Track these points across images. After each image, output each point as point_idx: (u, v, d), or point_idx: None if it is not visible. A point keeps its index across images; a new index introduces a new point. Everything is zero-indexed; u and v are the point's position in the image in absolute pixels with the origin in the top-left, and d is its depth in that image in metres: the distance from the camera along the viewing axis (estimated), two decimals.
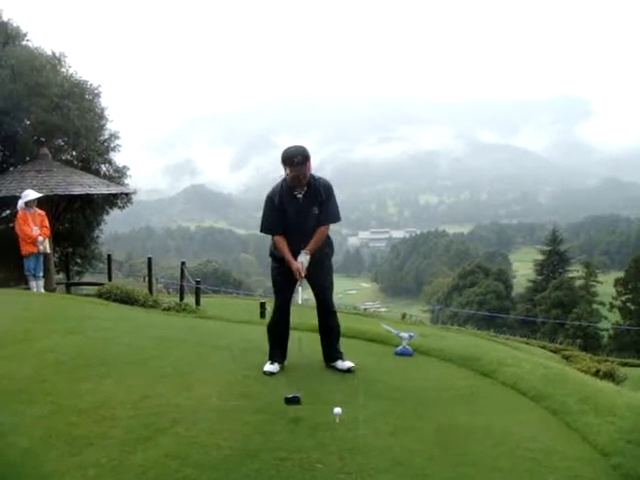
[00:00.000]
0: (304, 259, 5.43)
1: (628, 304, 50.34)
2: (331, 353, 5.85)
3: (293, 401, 4.51)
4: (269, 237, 5.77)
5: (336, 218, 5.67)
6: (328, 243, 5.81)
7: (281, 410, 4.54)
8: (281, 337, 5.75)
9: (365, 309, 34.10)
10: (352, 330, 7.35)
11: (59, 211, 17.70)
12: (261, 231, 5.69)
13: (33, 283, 12.74)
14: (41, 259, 12.91)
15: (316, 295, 5.84)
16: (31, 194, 12.68)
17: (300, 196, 5.47)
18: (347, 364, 5.74)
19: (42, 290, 12.91)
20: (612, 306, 52.85)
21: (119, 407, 4.51)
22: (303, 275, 5.44)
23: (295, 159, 5.25)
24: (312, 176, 5.48)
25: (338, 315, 5.99)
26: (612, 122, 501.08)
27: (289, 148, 5.39)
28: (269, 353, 5.73)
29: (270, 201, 5.54)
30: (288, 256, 5.47)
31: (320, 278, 5.77)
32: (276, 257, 5.72)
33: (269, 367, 5.56)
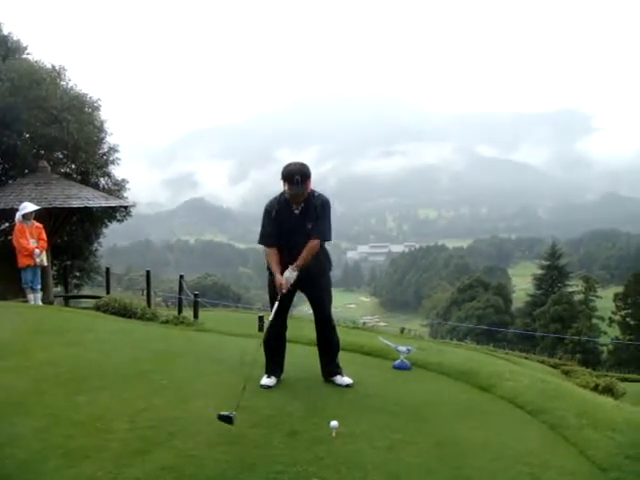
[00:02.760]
0: (290, 275, 5.40)
1: (627, 319, 50.30)
2: (330, 368, 5.81)
3: (225, 419, 4.33)
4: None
5: (325, 236, 5.58)
6: (327, 257, 5.80)
7: (278, 423, 4.53)
8: (277, 350, 5.74)
9: (364, 323, 34.09)
10: (350, 344, 7.34)
11: (58, 224, 17.67)
12: (259, 242, 5.71)
13: (31, 296, 12.72)
14: (38, 272, 12.89)
15: (314, 309, 5.80)
16: (28, 206, 12.66)
17: (297, 212, 5.50)
18: (346, 380, 5.71)
19: (40, 303, 12.88)
20: (611, 321, 52.79)
21: (116, 420, 4.50)
22: (284, 291, 5.41)
23: (295, 178, 5.26)
24: (312, 192, 5.49)
25: (337, 329, 5.96)
26: (612, 136, 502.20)
27: (290, 165, 5.39)
28: (266, 366, 5.70)
29: (267, 214, 5.57)
30: (275, 269, 5.48)
31: (318, 292, 5.76)
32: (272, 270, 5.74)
33: (266, 381, 5.54)
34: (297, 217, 5.49)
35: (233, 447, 4.05)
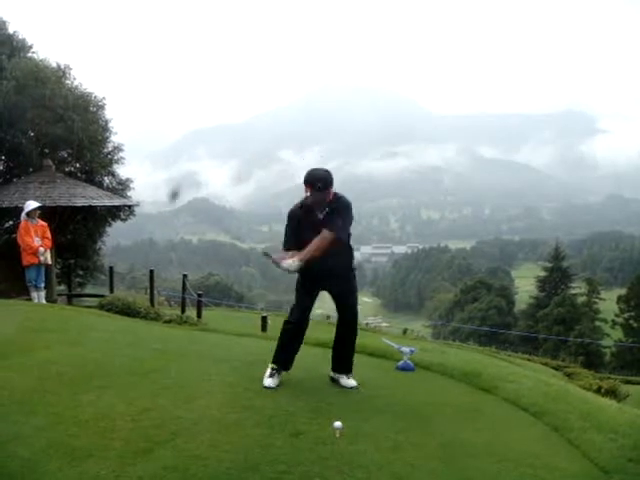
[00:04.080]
0: (290, 264, 5.27)
1: (631, 321, 50.25)
2: (342, 363, 5.76)
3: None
4: None
5: (337, 231, 5.40)
6: (351, 257, 5.79)
7: (282, 423, 4.52)
8: (294, 340, 5.66)
9: (367, 324, 34.01)
10: None
11: (62, 222, 17.70)
12: (283, 248, 5.59)
13: (34, 294, 12.73)
14: (42, 270, 12.90)
15: (339, 310, 5.79)
16: (33, 204, 12.69)
17: (321, 216, 5.44)
18: (351, 382, 5.68)
19: (43, 301, 12.90)
20: (615, 323, 52.73)
21: (119, 419, 4.49)
22: (274, 261, 5.38)
23: (317, 184, 5.25)
24: (335, 195, 5.45)
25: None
26: (615, 138, 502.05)
27: (314, 170, 5.36)
28: (274, 355, 5.60)
29: (290, 221, 5.56)
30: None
31: (344, 293, 5.77)
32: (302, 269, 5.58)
33: (268, 381, 5.47)
34: (321, 221, 5.42)
35: (237, 447, 4.04)
